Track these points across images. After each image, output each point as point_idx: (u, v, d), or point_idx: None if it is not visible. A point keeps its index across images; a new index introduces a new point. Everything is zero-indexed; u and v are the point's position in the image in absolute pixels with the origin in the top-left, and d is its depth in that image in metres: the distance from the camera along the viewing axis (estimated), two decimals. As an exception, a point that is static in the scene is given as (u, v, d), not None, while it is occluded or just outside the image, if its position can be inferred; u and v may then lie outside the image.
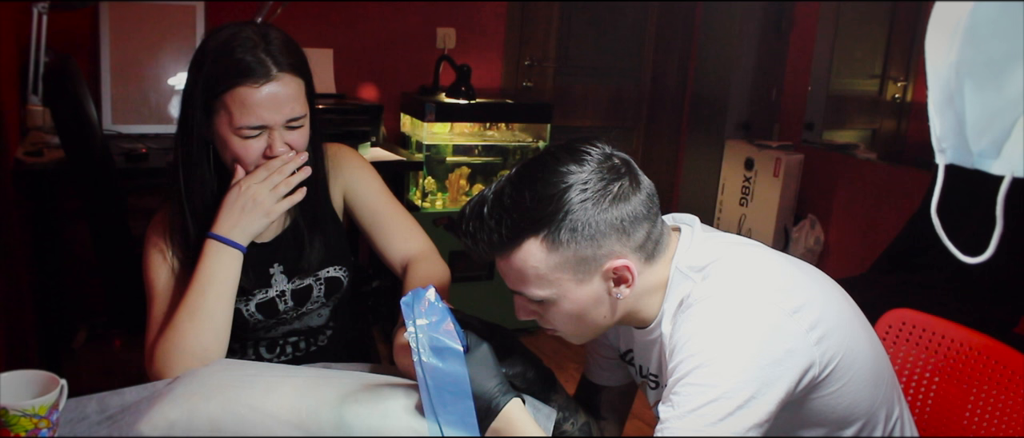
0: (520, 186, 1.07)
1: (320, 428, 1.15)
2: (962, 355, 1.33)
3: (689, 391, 1.01)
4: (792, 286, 1.09)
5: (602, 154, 1.08)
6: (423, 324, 1.08)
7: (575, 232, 1.05)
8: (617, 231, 1.07)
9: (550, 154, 1.09)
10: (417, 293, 1.11)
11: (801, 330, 1.05)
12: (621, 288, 1.11)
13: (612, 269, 1.09)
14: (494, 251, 1.10)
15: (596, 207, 1.05)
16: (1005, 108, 0.74)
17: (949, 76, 0.75)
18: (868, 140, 4.04)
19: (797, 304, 1.06)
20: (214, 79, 1.32)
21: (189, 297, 1.33)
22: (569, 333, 1.17)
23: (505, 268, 1.11)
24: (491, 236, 1.08)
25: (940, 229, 0.79)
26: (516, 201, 1.06)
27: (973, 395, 1.30)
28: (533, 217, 1.06)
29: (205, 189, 1.40)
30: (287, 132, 1.36)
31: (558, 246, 1.06)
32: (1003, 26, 0.72)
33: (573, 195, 1.05)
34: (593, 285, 1.10)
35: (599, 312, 1.13)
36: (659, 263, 1.13)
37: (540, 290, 1.10)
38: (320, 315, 1.55)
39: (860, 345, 1.13)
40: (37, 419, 1.06)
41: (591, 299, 1.11)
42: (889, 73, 3.83)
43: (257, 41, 1.32)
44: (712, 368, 1.01)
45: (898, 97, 3.78)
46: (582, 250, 1.06)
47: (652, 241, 1.11)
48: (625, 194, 1.07)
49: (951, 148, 0.78)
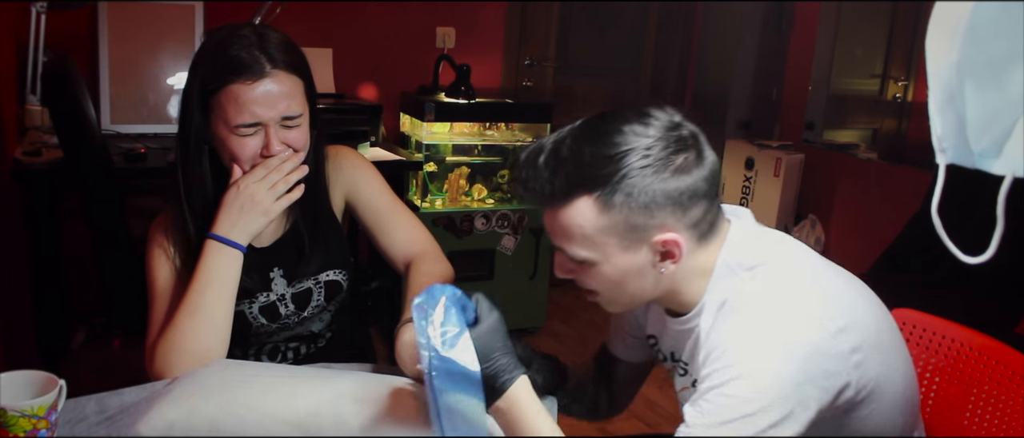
0: (581, 140, 1.04)
1: (319, 428, 1.14)
2: (962, 355, 1.33)
3: (723, 402, 0.99)
4: (839, 303, 1.06)
5: (670, 122, 1.05)
6: (437, 342, 1.01)
7: (630, 197, 1.02)
8: (673, 203, 1.03)
9: (618, 113, 1.05)
10: (431, 294, 1.05)
11: (843, 352, 1.02)
12: (667, 263, 1.07)
13: (661, 242, 1.05)
14: (544, 202, 1.06)
15: (656, 176, 1.02)
16: (1006, 108, 0.73)
17: (950, 76, 0.75)
18: (869, 140, 4.04)
19: (842, 324, 1.03)
20: (209, 78, 1.32)
21: (189, 297, 1.32)
22: (605, 299, 1.14)
23: (551, 221, 1.08)
24: (544, 186, 1.05)
25: (941, 229, 0.79)
26: (574, 155, 1.03)
27: (973, 395, 1.29)
28: (588, 174, 1.02)
29: (204, 189, 1.39)
30: (284, 131, 1.35)
31: (610, 208, 1.03)
32: (1004, 26, 0.72)
33: (633, 159, 1.01)
34: (638, 255, 1.06)
35: (639, 284, 1.09)
36: (709, 247, 1.10)
37: (583, 250, 1.07)
38: (321, 319, 1.55)
39: (895, 368, 1.11)
40: (36, 420, 1.05)
41: (634, 269, 1.07)
42: (890, 72, 3.83)
43: (253, 39, 1.32)
44: (749, 382, 0.99)
45: (899, 97, 3.78)
46: (634, 217, 1.03)
47: (707, 222, 1.08)
48: (687, 167, 1.03)
49: (952, 148, 0.78)
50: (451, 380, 1.01)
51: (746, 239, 1.11)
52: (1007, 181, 0.75)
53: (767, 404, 0.97)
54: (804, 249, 1.15)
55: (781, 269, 1.08)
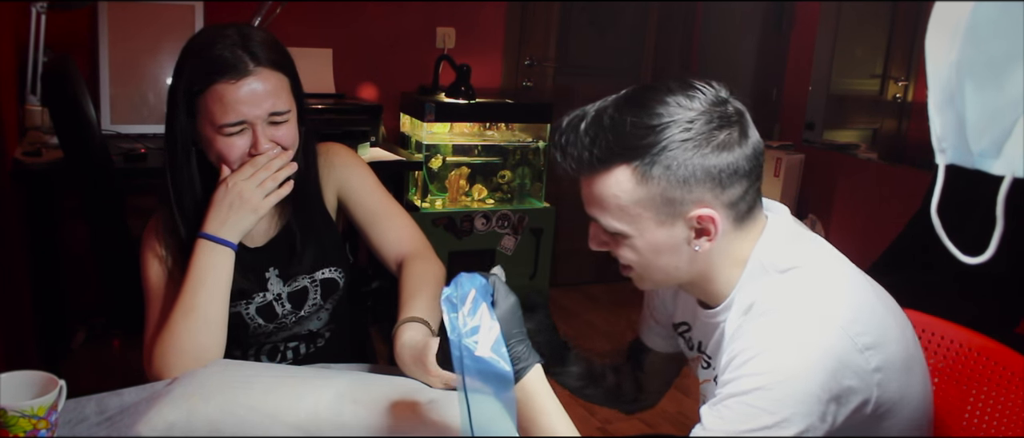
0: (623, 109, 1.02)
1: (319, 428, 1.14)
2: (962, 356, 1.33)
3: (743, 410, 0.98)
4: (869, 319, 1.04)
5: (716, 97, 1.03)
6: (471, 341, 0.96)
7: (668, 170, 1.01)
8: (712, 180, 1.02)
9: (663, 84, 1.04)
10: (459, 286, 1.00)
11: (868, 369, 1.01)
12: (701, 240, 1.06)
13: (697, 217, 1.04)
14: (581, 169, 1.05)
15: (696, 150, 1.00)
16: (1005, 108, 0.73)
17: (949, 76, 0.75)
18: (869, 140, 4.04)
19: (870, 341, 1.02)
20: (193, 79, 1.32)
21: (182, 297, 1.33)
22: (637, 274, 1.13)
23: (587, 190, 1.07)
24: (582, 153, 1.03)
25: (940, 229, 0.79)
26: (615, 123, 1.02)
27: (973, 395, 1.29)
28: (628, 144, 1.01)
29: (194, 191, 1.40)
30: (271, 129, 1.35)
31: (648, 180, 1.01)
32: (1003, 26, 0.72)
33: (674, 132, 1.00)
34: (673, 230, 1.05)
35: (673, 260, 1.08)
36: (745, 235, 1.09)
37: (618, 222, 1.05)
38: (319, 318, 1.54)
39: (915, 388, 1.10)
40: (36, 420, 1.05)
41: (668, 244, 1.06)
42: (890, 73, 3.83)
43: (236, 39, 1.32)
44: (772, 394, 0.97)
45: (899, 97, 3.78)
46: (671, 190, 1.02)
47: (746, 203, 1.06)
48: (730, 144, 1.02)
49: (951, 148, 0.78)
50: (483, 379, 0.97)
51: (782, 239, 1.10)
52: (1007, 181, 0.75)
53: (787, 417, 0.96)
54: (838, 257, 1.13)
55: (814, 276, 1.06)
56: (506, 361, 0.97)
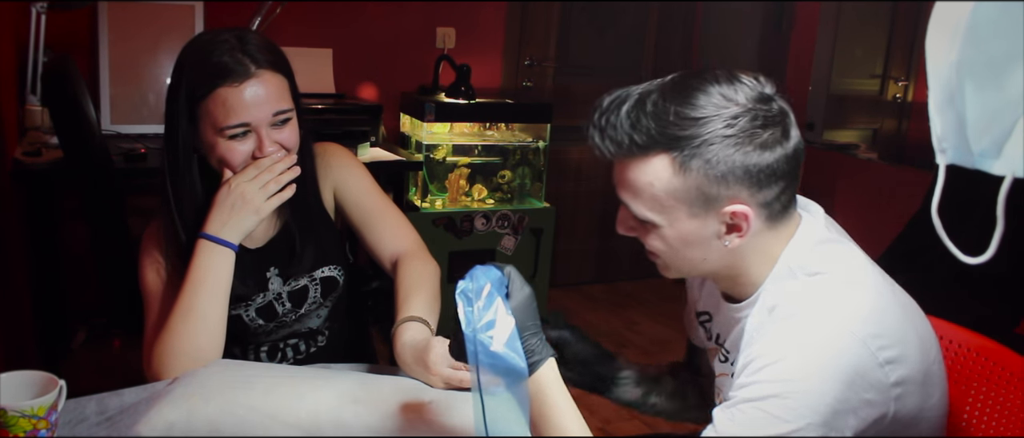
0: (668, 97, 1.01)
1: (319, 428, 1.14)
2: (962, 356, 1.33)
3: (757, 416, 0.97)
4: (893, 331, 1.02)
5: (761, 94, 1.02)
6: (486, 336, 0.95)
7: (707, 164, 1.00)
8: (750, 178, 1.01)
9: (710, 75, 1.03)
10: (474, 278, 0.99)
11: (887, 383, 1.00)
12: (732, 236, 1.05)
13: (730, 213, 1.03)
14: (618, 152, 1.03)
15: (737, 148, 0.99)
16: (1006, 108, 0.73)
17: (950, 76, 0.75)
18: (869, 140, 4.04)
19: (892, 355, 1.00)
20: (194, 85, 1.33)
21: (182, 298, 1.33)
22: (663, 263, 1.12)
23: (621, 174, 1.05)
24: (622, 136, 1.01)
25: (941, 229, 0.79)
26: (659, 111, 1.00)
27: (973, 396, 1.29)
28: (670, 134, 1.00)
29: (194, 197, 1.40)
30: (275, 130, 1.36)
31: (685, 172, 1.00)
32: (1003, 26, 0.72)
33: (717, 126, 0.99)
34: (705, 224, 1.04)
35: (701, 253, 1.07)
36: (777, 233, 1.08)
37: (649, 210, 1.04)
38: (318, 316, 1.55)
39: (934, 401, 1.09)
40: (36, 420, 1.05)
41: (697, 237, 1.05)
42: (890, 73, 3.83)
43: (234, 43, 1.33)
44: (788, 402, 0.96)
45: (899, 97, 3.78)
46: (707, 185, 1.01)
47: (780, 203, 1.05)
48: (771, 144, 1.01)
49: (952, 148, 0.78)
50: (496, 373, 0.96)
51: (813, 242, 1.09)
52: (1007, 181, 0.75)
53: (801, 427, 0.95)
54: (867, 265, 1.11)
55: (839, 284, 1.04)
56: (520, 356, 0.96)
